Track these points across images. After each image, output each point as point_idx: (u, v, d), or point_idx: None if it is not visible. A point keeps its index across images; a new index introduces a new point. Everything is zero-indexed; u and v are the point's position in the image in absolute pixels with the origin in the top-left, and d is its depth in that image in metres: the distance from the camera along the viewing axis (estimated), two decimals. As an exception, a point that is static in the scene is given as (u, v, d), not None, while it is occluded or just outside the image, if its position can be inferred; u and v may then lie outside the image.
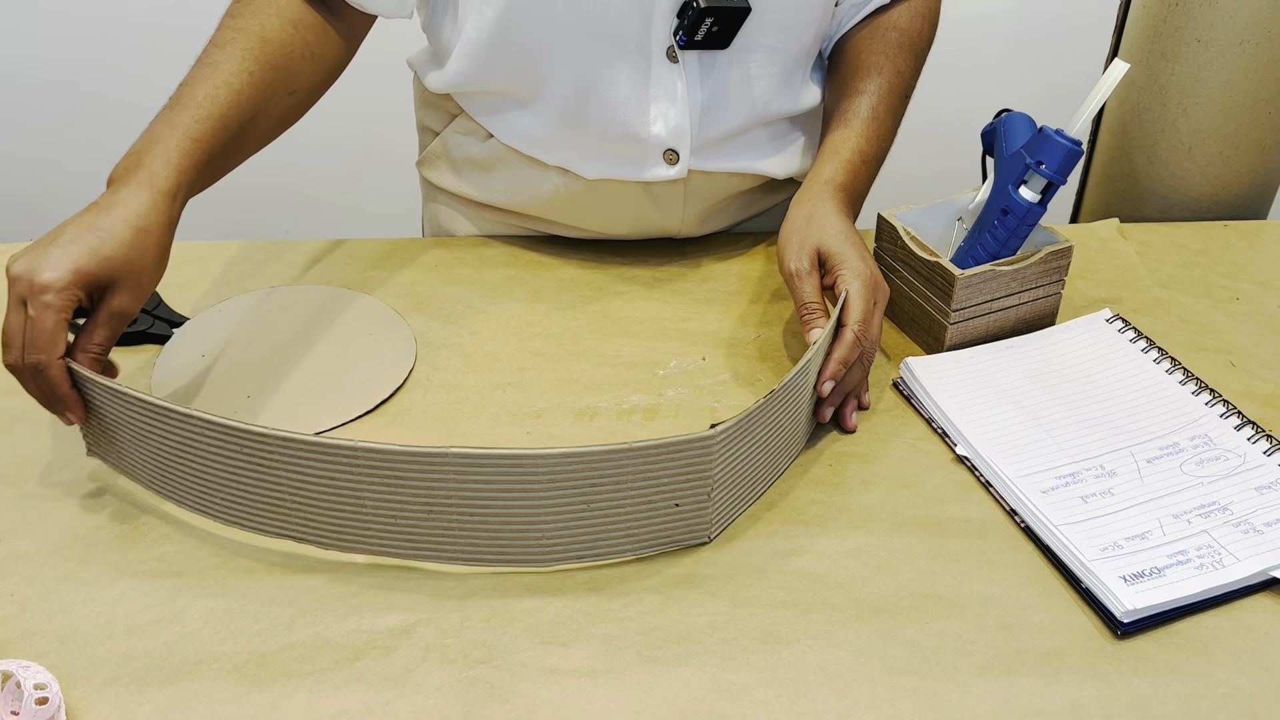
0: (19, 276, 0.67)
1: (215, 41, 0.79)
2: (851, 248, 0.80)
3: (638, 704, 0.62)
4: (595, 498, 0.66)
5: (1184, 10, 1.02)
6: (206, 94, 0.76)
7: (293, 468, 0.66)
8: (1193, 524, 0.71)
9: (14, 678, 0.61)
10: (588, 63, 0.85)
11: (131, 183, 0.71)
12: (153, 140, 0.74)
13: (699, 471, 0.67)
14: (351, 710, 0.61)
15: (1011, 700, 0.62)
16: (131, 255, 0.70)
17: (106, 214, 0.70)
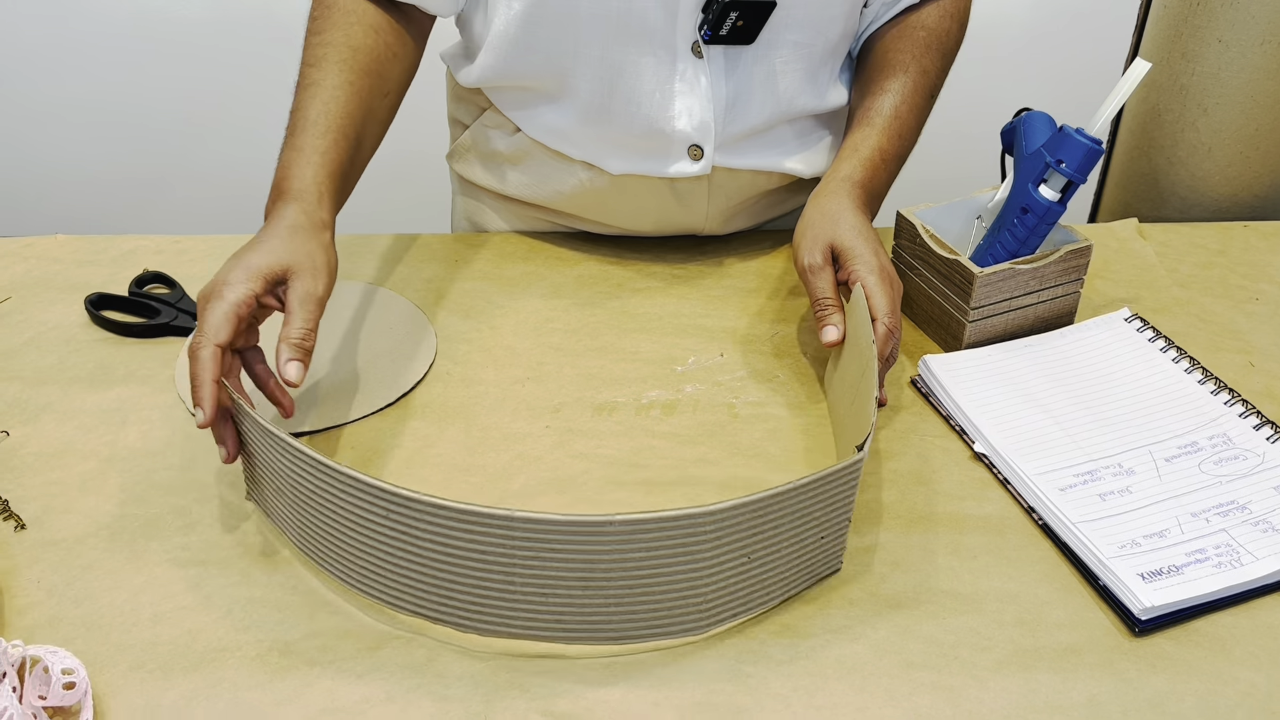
0: (203, 295, 0.71)
1: (308, 61, 0.83)
2: (865, 243, 0.80)
3: (656, 695, 0.62)
4: (756, 546, 0.62)
5: (1205, 10, 1.02)
6: (319, 112, 0.79)
7: (440, 536, 0.60)
8: (1211, 522, 0.71)
9: (41, 663, 0.61)
10: (613, 57, 0.86)
11: (277, 208, 0.76)
12: (284, 169, 0.78)
13: (845, 498, 0.65)
14: (373, 699, 0.62)
15: (1029, 696, 0.62)
16: (296, 246, 0.73)
17: (264, 231, 0.74)
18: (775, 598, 0.66)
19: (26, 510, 0.73)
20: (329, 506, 0.63)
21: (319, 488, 0.63)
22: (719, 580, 0.62)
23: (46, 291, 0.95)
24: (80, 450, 0.78)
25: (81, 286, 0.94)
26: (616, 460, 0.78)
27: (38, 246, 1.01)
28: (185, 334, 0.89)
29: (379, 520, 0.61)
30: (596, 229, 1.01)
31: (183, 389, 0.83)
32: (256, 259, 0.71)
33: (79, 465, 0.77)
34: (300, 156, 0.78)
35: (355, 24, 0.84)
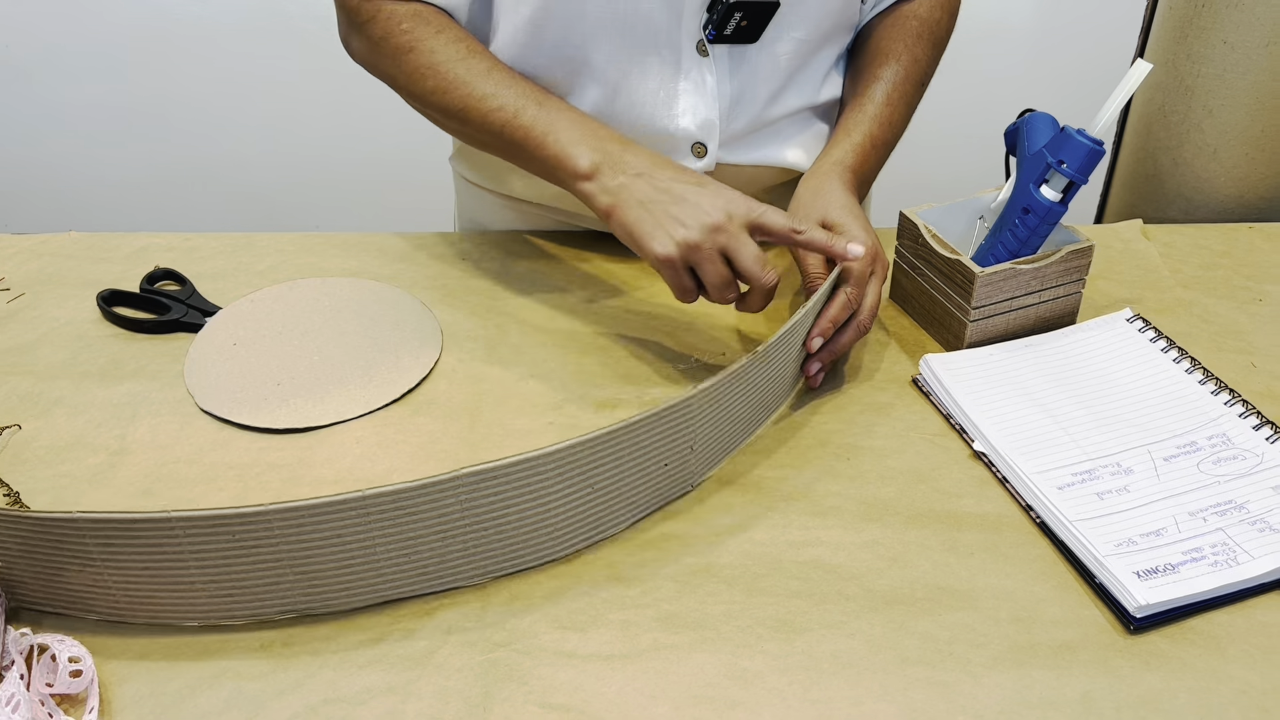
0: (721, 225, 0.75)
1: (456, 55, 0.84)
2: (854, 220, 0.83)
3: (653, 689, 0.63)
4: (599, 478, 0.69)
5: (1210, 12, 1.02)
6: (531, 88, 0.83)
7: (295, 537, 0.63)
8: (1208, 521, 0.71)
9: (49, 651, 0.63)
10: (618, 58, 0.87)
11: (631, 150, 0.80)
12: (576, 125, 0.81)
13: (682, 432, 0.71)
14: (374, 689, 0.63)
15: (1023, 692, 0.63)
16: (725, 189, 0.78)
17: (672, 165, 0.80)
18: (625, 520, 0.72)
19: (37, 502, 0.75)
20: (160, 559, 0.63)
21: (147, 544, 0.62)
22: (566, 511, 0.69)
23: (59, 288, 0.96)
24: (91, 444, 0.80)
25: (94, 283, 0.96)
26: (618, 457, 0.78)
27: (51, 244, 1.02)
28: (195, 330, 0.90)
29: (226, 545, 0.63)
30: (600, 227, 1.01)
31: (192, 384, 0.84)
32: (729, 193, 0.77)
33: (89, 459, 0.78)
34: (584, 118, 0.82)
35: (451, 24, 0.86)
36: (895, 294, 0.94)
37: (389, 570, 0.66)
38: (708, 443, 0.74)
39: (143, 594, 0.65)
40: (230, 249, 1.01)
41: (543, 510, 0.68)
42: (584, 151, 0.80)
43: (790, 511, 0.74)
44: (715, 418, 0.73)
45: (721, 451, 0.77)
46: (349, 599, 0.67)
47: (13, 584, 0.65)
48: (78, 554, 0.63)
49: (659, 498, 0.74)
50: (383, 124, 2.01)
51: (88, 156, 2.12)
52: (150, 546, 0.62)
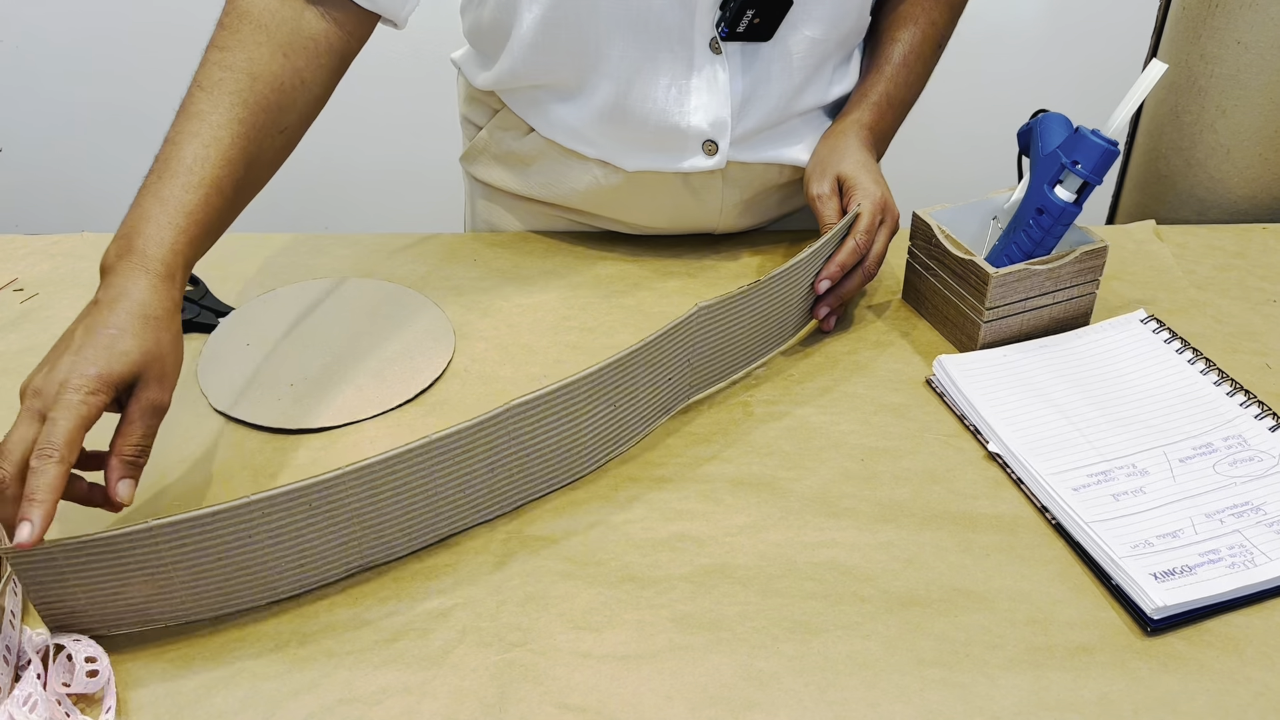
0: (39, 390, 0.63)
1: (200, 83, 0.74)
2: (867, 175, 0.88)
3: (668, 689, 0.63)
4: (618, 396, 0.74)
5: (1224, 12, 1.02)
6: (195, 156, 0.71)
7: (366, 493, 0.66)
8: (1225, 523, 0.71)
9: (66, 651, 0.63)
10: (631, 54, 0.87)
11: (126, 271, 0.67)
12: (142, 219, 0.69)
13: (684, 346, 0.78)
14: (389, 689, 0.63)
15: (1040, 693, 0.62)
16: (148, 345, 0.66)
17: (111, 311, 0.65)
18: (638, 434, 0.79)
19: (52, 502, 0.75)
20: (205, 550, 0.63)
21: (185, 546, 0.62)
22: (594, 429, 0.74)
23: (72, 289, 0.96)
24: (102, 443, 0.79)
25: (106, 283, 0.96)
26: (631, 457, 0.78)
27: (64, 245, 1.02)
28: (208, 330, 0.90)
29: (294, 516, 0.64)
30: (612, 226, 1.01)
31: (206, 385, 0.84)
32: (106, 362, 0.63)
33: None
34: (163, 210, 0.69)
35: (264, 44, 0.74)
36: (908, 294, 0.94)
37: (446, 508, 0.70)
38: (706, 360, 0.80)
39: (213, 585, 0.65)
40: (243, 249, 1.01)
41: (575, 430, 0.73)
42: (109, 249, 0.69)
43: (805, 512, 0.74)
44: (714, 338, 0.79)
45: (721, 370, 0.83)
46: (409, 543, 0.70)
47: (59, 616, 0.63)
48: (146, 563, 0.62)
49: (661, 410, 0.80)
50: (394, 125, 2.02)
51: (100, 157, 2.13)
52: (227, 536, 0.63)
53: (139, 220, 0.69)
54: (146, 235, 0.68)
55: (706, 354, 0.80)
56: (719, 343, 0.80)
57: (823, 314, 0.88)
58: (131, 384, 0.66)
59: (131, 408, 0.66)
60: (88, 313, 0.66)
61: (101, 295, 0.67)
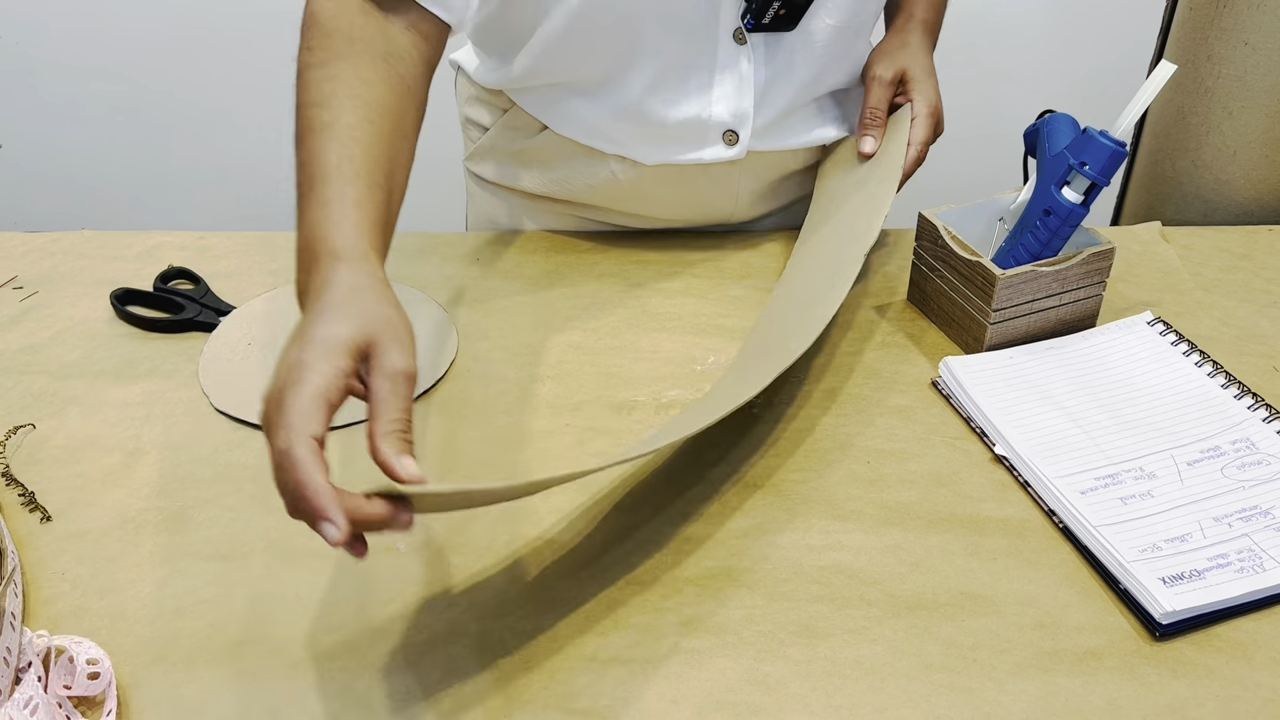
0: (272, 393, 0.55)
1: (312, 100, 0.69)
2: (929, 79, 0.93)
3: (674, 693, 0.62)
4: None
5: (1231, 13, 1.02)
6: (340, 156, 0.66)
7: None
8: (1233, 527, 0.71)
9: (66, 653, 0.62)
10: (653, 47, 0.87)
11: (321, 271, 0.61)
12: (313, 226, 0.64)
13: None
14: (394, 693, 0.62)
15: (1048, 699, 0.62)
16: (369, 309, 0.59)
17: (321, 300, 0.59)
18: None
19: (52, 503, 0.74)
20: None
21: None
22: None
23: (72, 287, 0.96)
24: (105, 444, 0.79)
25: (107, 282, 0.95)
26: (637, 461, 0.78)
27: (64, 242, 1.02)
28: (208, 329, 0.90)
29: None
30: (625, 221, 1.01)
31: (207, 384, 0.84)
32: (334, 330, 0.56)
33: (104, 458, 0.78)
34: (331, 211, 0.63)
35: (363, 53, 0.71)
36: (914, 296, 0.93)
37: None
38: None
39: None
40: (244, 248, 1.00)
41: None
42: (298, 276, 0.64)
43: (810, 515, 0.74)
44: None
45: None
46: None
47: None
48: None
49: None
50: (392, 123, 2.01)
51: (100, 154, 2.12)
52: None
53: (312, 230, 0.63)
54: (327, 236, 0.63)
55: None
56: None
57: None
58: (367, 354, 0.58)
59: (377, 379, 0.57)
60: (302, 322, 0.59)
61: (309, 306, 0.60)
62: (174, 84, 2.04)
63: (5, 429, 0.80)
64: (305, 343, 0.56)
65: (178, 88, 2.05)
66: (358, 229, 0.63)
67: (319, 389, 0.54)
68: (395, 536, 0.72)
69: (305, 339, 0.57)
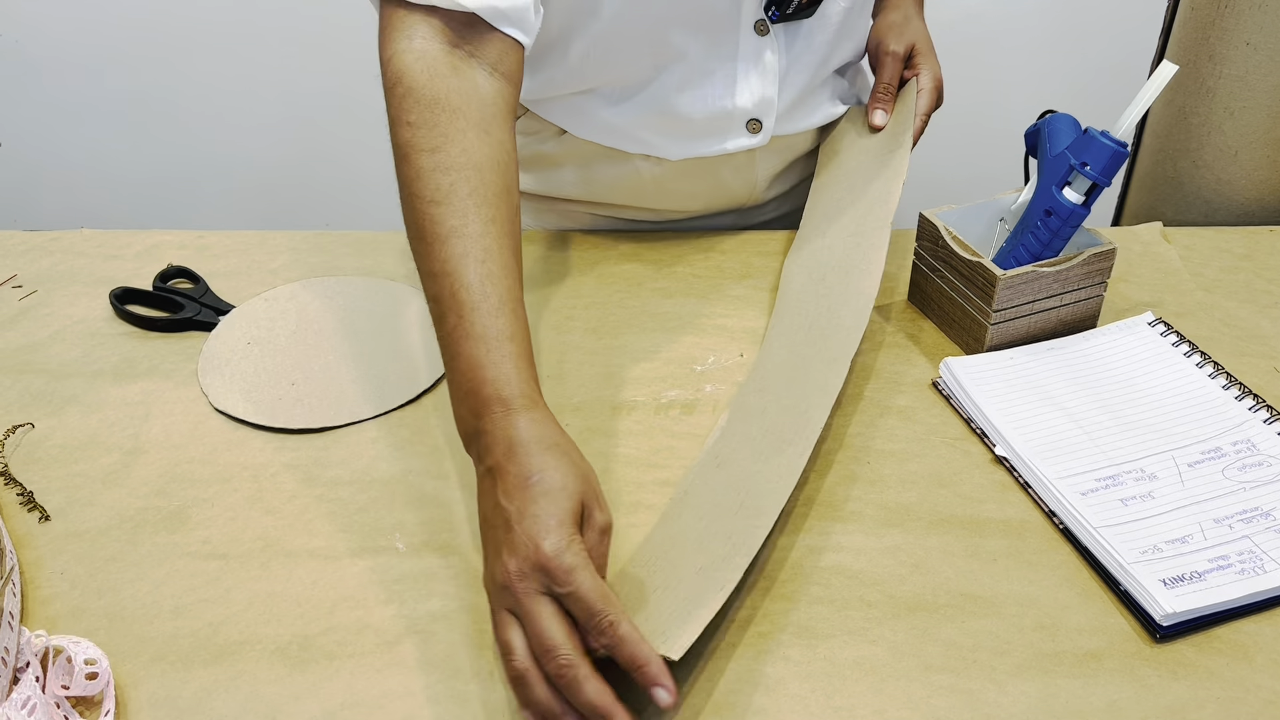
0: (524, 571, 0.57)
1: (432, 198, 0.68)
2: (932, 53, 0.98)
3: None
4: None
5: (1233, 13, 1.01)
6: (480, 276, 0.66)
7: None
8: (1234, 529, 0.70)
9: (65, 653, 0.62)
10: (680, 47, 0.88)
11: (499, 423, 0.63)
12: (476, 366, 0.65)
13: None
14: (391, 693, 0.62)
15: (1048, 700, 0.62)
16: (572, 467, 0.62)
17: (516, 459, 0.61)
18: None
19: (50, 502, 0.74)
20: None
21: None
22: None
23: (72, 285, 0.95)
24: (104, 443, 0.79)
25: (106, 281, 0.95)
26: (635, 460, 0.78)
27: (63, 241, 1.02)
28: (208, 328, 0.89)
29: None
30: (643, 215, 1.02)
31: (206, 384, 0.84)
32: (565, 504, 0.59)
33: (103, 458, 0.78)
34: (488, 348, 0.65)
35: (468, 130, 0.70)
36: (914, 296, 0.93)
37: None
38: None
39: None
40: (243, 247, 1.00)
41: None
42: (463, 415, 0.66)
43: (810, 516, 0.73)
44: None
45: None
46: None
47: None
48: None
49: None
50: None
51: (100, 153, 2.12)
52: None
53: (473, 369, 0.65)
54: (492, 380, 0.64)
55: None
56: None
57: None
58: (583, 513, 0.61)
59: (589, 538, 0.60)
60: (494, 482, 0.61)
61: (498, 459, 0.62)
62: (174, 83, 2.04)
63: (4, 428, 0.80)
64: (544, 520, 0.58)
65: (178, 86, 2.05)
66: (522, 371, 0.65)
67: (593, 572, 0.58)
68: (394, 537, 0.72)
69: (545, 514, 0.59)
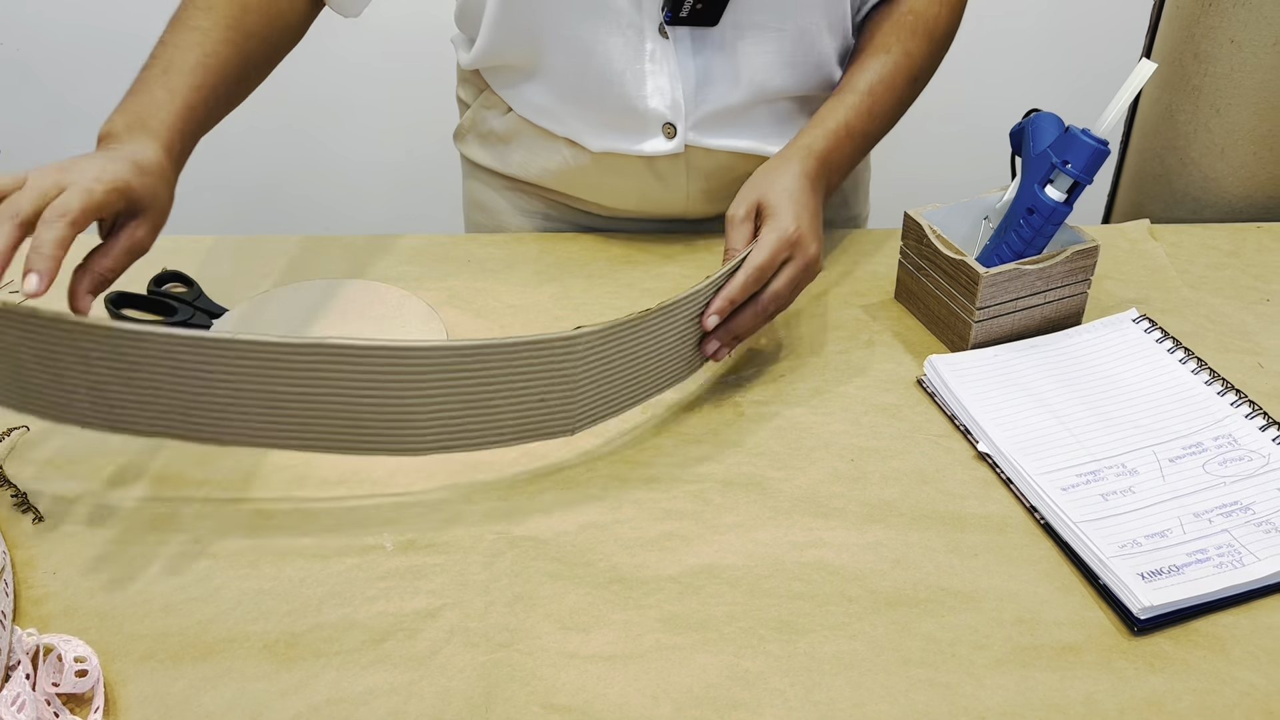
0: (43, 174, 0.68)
1: (195, 3, 0.82)
2: (790, 205, 0.80)
3: (655, 689, 0.63)
4: (465, 389, 0.69)
5: (1217, 10, 1.02)
6: (197, 61, 0.79)
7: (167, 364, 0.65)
8: (1214, 523, 0.71)
9: (55, 651, 0.63)
10: (584, 36, 0.88)
11: (139, 139, 0.74)
12: (152, 104, 0.76)
13: (562, 370, 0.71)
14: (377, 689, 0.63)
15: (1026, 694, 0.63)
16: (154, 185, 0.72)
17: (121, 150, 0.72)
18: (493, 440, 0.72)
19: (43, 504, 0.75)
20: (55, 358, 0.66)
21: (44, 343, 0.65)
22: (429, 411, 0.69)
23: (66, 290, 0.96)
24: (96, 445, 0.80)
25: (102, 285, 0.96)
26: (622, 458, 0.78)
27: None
28: (201, 332, 0.90)
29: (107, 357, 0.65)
30: (586, 208, 1.04)
31: None
32: (122, 172, 0.69)
33: (95, 460, 0.79)
34: (170, 100, 0.77)
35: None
36: (900, 294, 0.94)
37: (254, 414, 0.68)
38: (589, 391, 0.74)
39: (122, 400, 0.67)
40: (237, 251, 1.01)
41: (401, 403, 0.68)
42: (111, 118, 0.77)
43: (793, 512, 0.74)
44: (598, 367, 0.73)
45: (606, 406, 0.76)
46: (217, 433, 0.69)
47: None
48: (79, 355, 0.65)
49: (534, 429, 0.73)
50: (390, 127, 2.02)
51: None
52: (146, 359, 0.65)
53: (148, 104, 0.76)
54: (155, 117, 0.75)
55: (589, 382, 0.73)
56: (602, 369, 0.73)
57: (711, 349, 0.80)
58: (130, 210, 0.71)
59: (119, 237, 0.71)
60: (99, 152, 0.72)
61: (112, 148, 0.72)
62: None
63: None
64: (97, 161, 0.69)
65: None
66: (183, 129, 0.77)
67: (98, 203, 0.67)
68: (381, 536, 0.72)
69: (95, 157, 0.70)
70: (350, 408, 0.68)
